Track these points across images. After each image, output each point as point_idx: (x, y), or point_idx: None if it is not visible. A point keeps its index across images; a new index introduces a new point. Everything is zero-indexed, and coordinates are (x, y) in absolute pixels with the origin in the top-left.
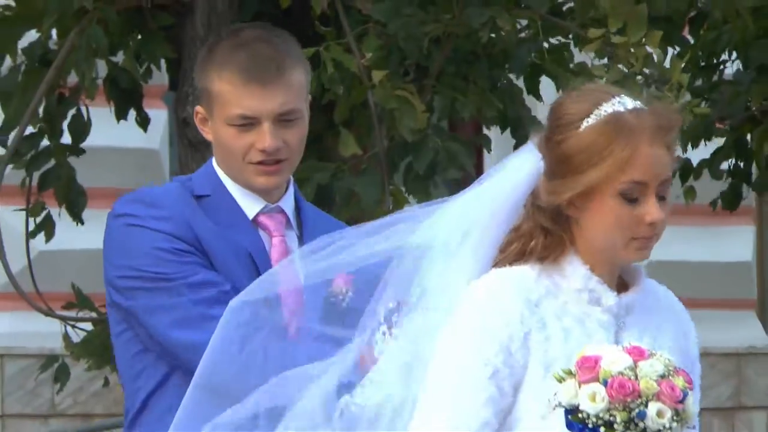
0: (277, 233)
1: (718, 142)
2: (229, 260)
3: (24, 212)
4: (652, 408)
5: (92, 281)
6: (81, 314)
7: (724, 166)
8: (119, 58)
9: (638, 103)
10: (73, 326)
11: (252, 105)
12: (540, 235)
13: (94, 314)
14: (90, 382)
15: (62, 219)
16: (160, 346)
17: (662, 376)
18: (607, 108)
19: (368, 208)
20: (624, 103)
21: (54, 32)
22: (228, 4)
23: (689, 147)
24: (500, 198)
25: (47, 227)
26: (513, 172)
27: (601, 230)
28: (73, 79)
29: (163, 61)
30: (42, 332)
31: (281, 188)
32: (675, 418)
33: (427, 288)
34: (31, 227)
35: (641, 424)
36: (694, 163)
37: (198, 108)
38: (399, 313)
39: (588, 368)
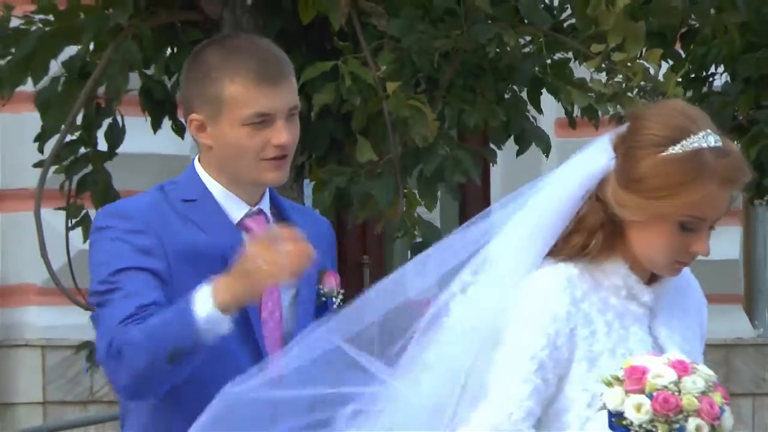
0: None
1: None
2: (200, 264)
3: (64, 213)
4: (692, 423)
5: None
6: None
7: None
8: (153, 71)
9: (720, 142)
10: None
11: (267, 103)
12: (601, 233)
13: None
14: None
15: None
16: None
17: (703, 393)
18: (693, 143)
19: (383, 209)
20: (708, 140)
21: (91, 47)
22: (253, 21)
23: None
24: (570, 188)
25: (84, 226)
26: (585, 165)
27: (650, 247)
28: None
29: None
30: (81, 325)
31: (261, 191)
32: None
33: (490, 260)
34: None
35: None
36: None
37: (193, 116)
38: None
39: (636, 379)
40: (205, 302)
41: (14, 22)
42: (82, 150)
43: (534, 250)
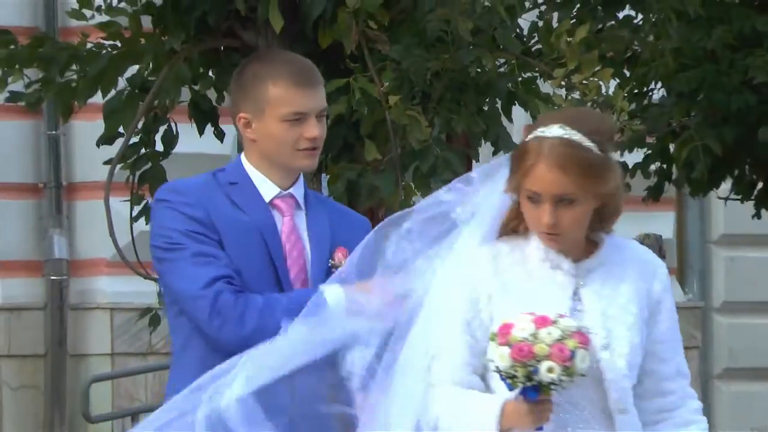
0: (288, 213)
1: (648, 150)
2: (240, 235)
3: (128, 202)
4: (544, 366)
5: None
6: None
7: (652, 168)
8: (199, 87)
9: (564, 135)
10: None
11: (303, 103)
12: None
13: None
14: None
15: None
16: (175, 300)
17: (558, 340)
18: (538, 133)
19: (386, 199)
20: (551, 131)
21: (150, 67)
22: (281, 47)
23: (627, 153)
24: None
25: (146, 213)
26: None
27: (527, 221)
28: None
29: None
30: (141, 291)
31: (293, 179)
32: (564, 373)
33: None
34: (133, 214)
35: (536, 378)
36: (630, 165)
37: (241, 115)
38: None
39: (503, 334)
40: (337, 297)
41: (88, 46)
42: (143, 150)
43: (483, 231)
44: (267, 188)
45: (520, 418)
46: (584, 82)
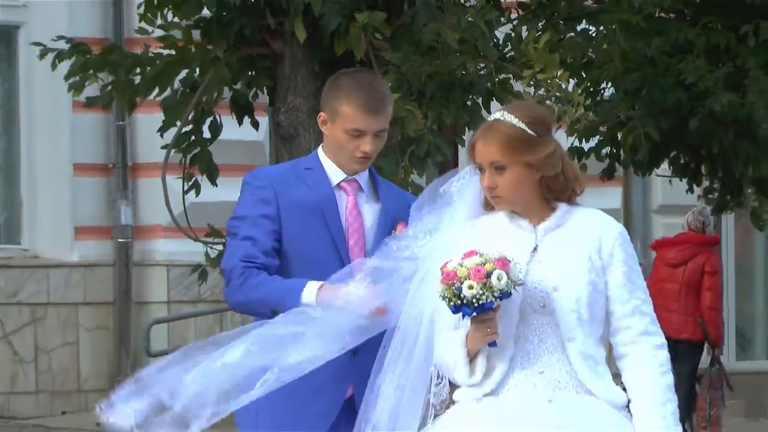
0: (352, 194)
1: (601, 137)
2: (303, 211)
3: (181, 179)
4: (465, 284)
5: (221, 220)
6: (214, 240)
7: (604, 152)
8: (239, 86)
9: (496, 116)
10: (210, 247)
11: (364, 124)
12: None
13: (222, 240)
14: (221, 281)
15: (204, 183)
16: None
17: (478, 264)
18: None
19: (388, 177)
20: (494, 115)
21: (197, 70)
22: (303, 53)
23: (583, 141)
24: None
25: (195, 188)
26: None
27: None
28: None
29: (264, 88)
30: (192, 251)
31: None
32: (482, 288)
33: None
34: (185, 188)
35: (461, 296)
36: (586, 149)
37: (321, 113)
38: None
39: (441, 269)
40: (310, 297)
41: (149, 55)
42: (193, 138)
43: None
44: (335, 173)
45: (473, 336)
46: (548, 81)
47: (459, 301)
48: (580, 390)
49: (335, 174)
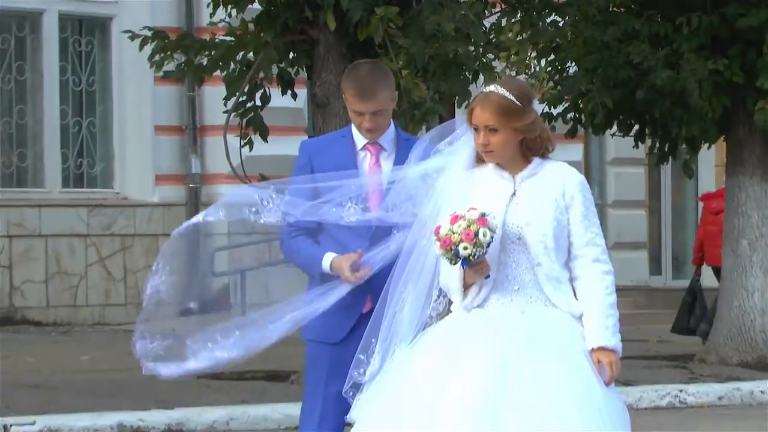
0: (374, 153)
1: (566, 105)
2: (333, 167)
3: (238, 137)
4: (461, 246)
5: (270, 169)
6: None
7: (569, 116)
8: (283, 65)
9: (488, 90)
10: None
11: (360, 107)
12: None
13: None
14: None
15: (256, 141)
16: None
17: (466, 227)
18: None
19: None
20: (488, 88)
21: (251, 54)
22: (334, 39)
23: (552, 108)
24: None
25: (250, 144)
26: None
27: (474, 143)
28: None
29: (303, 66)
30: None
31: (379, 134)
32: (474, 246)
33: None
34: (241, 144)
35: (459, 255)
36: (555, 114)
37: (343, 95)
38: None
39: (435, 233)
40: (327, 264)
41: (215, 40)
42: (248, 105)
43: (464, 161)
44: (360, 139)
45: (471, 275)
46: (520, 62)
47: (457, 259)
48: (548, 303)
49: (360, 140)
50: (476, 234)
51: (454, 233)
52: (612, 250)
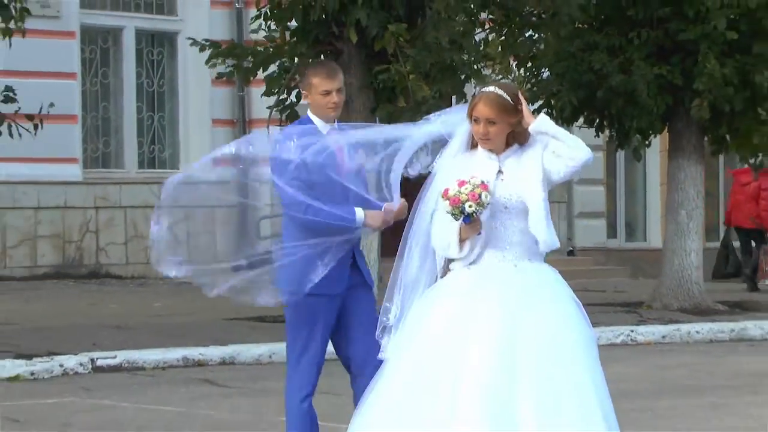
0: (335, 136)
1: (541, 102)
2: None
3: (278, 128)
4: (467, 204)
5: None
6: None
7: (543, 111)
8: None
9: (486, 89)
10: None
11: (329, 86)
12: None
13: None
14: None
15: None
16: None
17: (471, 190)
18: (481, 89)
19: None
20: (484, 89)
21: (289, 59)
22: (356, 50)
23: (530, 105)
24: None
25: None
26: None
27: (473, 132)
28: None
29: None
30: None
31: (332, 121)
32: (477, 204)
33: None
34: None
35: (466, 212)
36: (532, 110)
37: (303, 91)
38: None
39: (444, 193)
40: (360, 216)
41: (258, 49)
42: (287, 102)
43: (458, 145)
44: (323, 127)
45: (466, 230)
46: (509, 68)
47: (462, 215)
48: (533, 259)
49: (323, 127)
50: (480, 195)
51: (461, 194)
52: (577, 219)
